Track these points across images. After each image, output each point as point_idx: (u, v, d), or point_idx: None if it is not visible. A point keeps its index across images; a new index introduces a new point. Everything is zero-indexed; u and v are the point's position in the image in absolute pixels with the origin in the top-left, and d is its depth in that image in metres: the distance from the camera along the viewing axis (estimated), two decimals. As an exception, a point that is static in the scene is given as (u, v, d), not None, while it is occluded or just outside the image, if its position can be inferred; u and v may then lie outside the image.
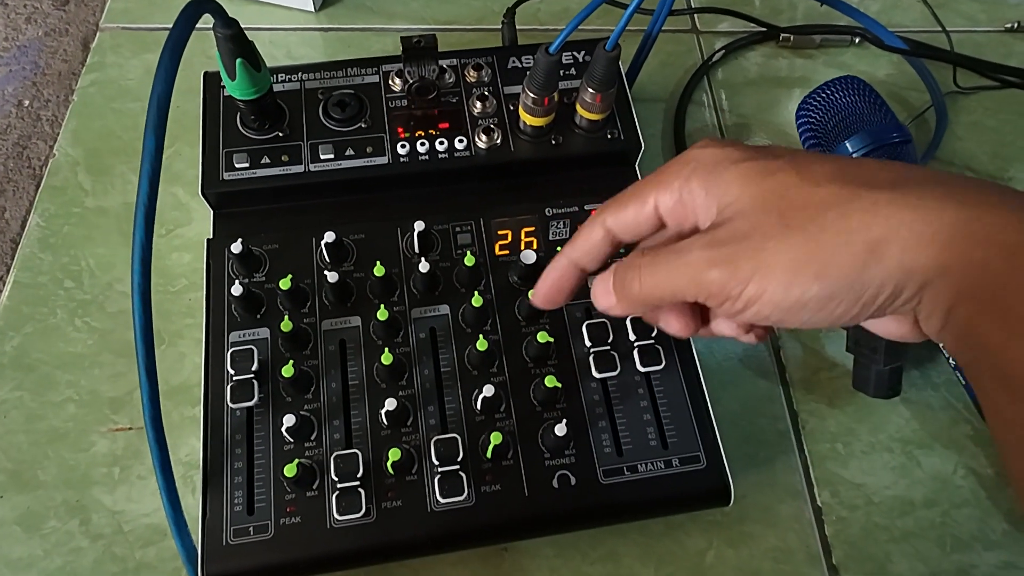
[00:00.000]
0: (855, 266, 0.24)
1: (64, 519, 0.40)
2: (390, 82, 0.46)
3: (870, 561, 0.41)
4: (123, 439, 0.43)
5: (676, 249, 0.27)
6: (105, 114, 0.55)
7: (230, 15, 0.38)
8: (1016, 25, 0.64)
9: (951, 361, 0.45)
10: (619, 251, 0.32)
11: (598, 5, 0.39)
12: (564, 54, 0.48)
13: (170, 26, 0.60)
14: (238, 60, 0.39)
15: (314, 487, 0.37)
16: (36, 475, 0.41)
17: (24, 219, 0.50)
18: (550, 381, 0.38)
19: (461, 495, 0.36)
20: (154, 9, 0.60)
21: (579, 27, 0.37)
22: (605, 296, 0.31)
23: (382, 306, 0.40)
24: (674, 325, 0.32)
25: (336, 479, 0.36)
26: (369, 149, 0.44)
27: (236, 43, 0.39)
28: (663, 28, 0.49)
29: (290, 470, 0.35)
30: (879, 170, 0.26)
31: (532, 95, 0.43)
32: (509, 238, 0.44)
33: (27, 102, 0.56)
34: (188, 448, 0.42)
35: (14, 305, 0.46)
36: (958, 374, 0.45)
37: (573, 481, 0.38)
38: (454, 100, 0.46)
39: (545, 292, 0.33)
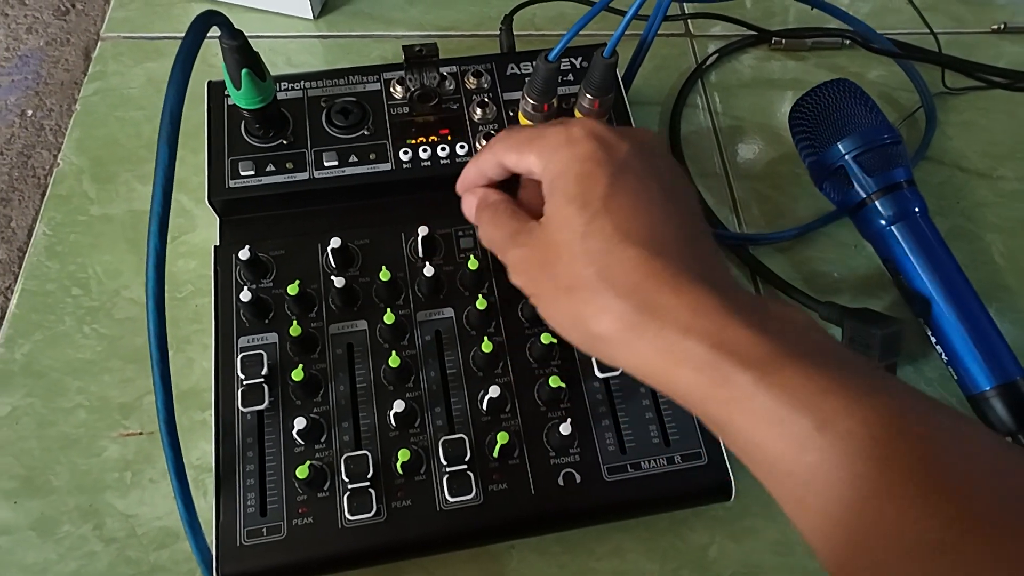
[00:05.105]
0: (575, 337, 0.31)
1: (77, 523, 0.41)
2: (391, 89, 0.47)
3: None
4: (134, 444, 0.43)
5: (507, 237, 0.34)
6: (108, 122, 0.55)
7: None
8: (1003, 26, 0.65)
9: (943, 357, 0.46)
10: None
11: (596, 13, 0.40)
12: (562, 61, 0.48)
13: (171, 34, 0.61)
14: (244, 70, 0.40)
15: (325, 488, 0.38)
16: (49, 480, 0.42)
17: (30, 228, 0.51)
18: (554, 381, 0.39)
19: (469, 494, 0.37)
20: (154, 18, 0.61)
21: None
22: (468, 211, 0.37)
23: (388, 310, 0.40)
24: None
25: (347, 480, 0.37)
26: (372, 156, 0.45)
27: (242, 54, 0.40)
28: (657, 32, 0.50)
29: (302, 472, 0.36)
30: (631, 265, 0.29)
31: (532, 101, 0.44)
32: (511, 241, 0.45)
33: (30, 112, 0.56)
34: (199, 452, 0.43)
35: (23, 313, 0.47)
36: (951, 369, 0.46)
37: (578, 479, 0.39)
38: (455, 107, 0.47)
39: (460, 186, 0.38)
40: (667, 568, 0.41)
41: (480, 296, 0.41)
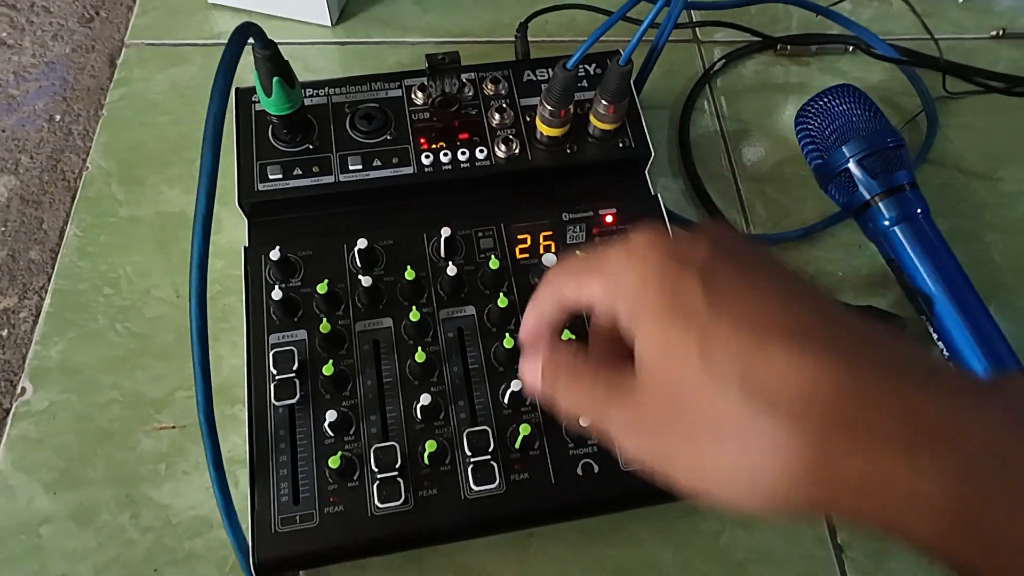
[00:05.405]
0: (740, 497, 0.23)
1: (115, 513, 0.43)
2: (413, 96, 0.49)
3: (873, 540, 0.44)
4: (167, 437, 0.45)
5: (600, 398, 0.26)
6: (134, 127, 0.57)
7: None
8: (1002, 32, 0.67)
9: (945, 353, 0.48)
10: None
11: (612, 23, 0.41)
12: (578, 68, 0.50)
13: (193, 41, 0.63)
14: (275, 78, 0.42)
15: (355, 478, 0.39)
16: (86, 472, 0.44)
17: (62, 230, 0.52)
18: (573, 376, 0.41)
19: (493, 483, 0.39)
20: (176, 25, 0.62)
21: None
22: (532, 380, 0.29)
23: (413, 308, 0.42)
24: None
25: (376, 470, 0.39)
26: (395, 160, 0.47)
27: (273, 63, 0.41)
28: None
29: (334, 462, 0.38)
30: (787, 368, 0.22)
31: (549, 107, 0.45)
32: (528, 242, 0.46)
33: (58, 117, 0.58)
34: (230, 445, 0.44)
35: (57, 312, 0.49)
36: (951, 365, 0.48)
37: (596, 469, 0.41)
38: (474, 112, 0.49)
39: (523, 335, 0.31)
40: (680, 555, 0.43)
41: (501, 294, 0.43)
